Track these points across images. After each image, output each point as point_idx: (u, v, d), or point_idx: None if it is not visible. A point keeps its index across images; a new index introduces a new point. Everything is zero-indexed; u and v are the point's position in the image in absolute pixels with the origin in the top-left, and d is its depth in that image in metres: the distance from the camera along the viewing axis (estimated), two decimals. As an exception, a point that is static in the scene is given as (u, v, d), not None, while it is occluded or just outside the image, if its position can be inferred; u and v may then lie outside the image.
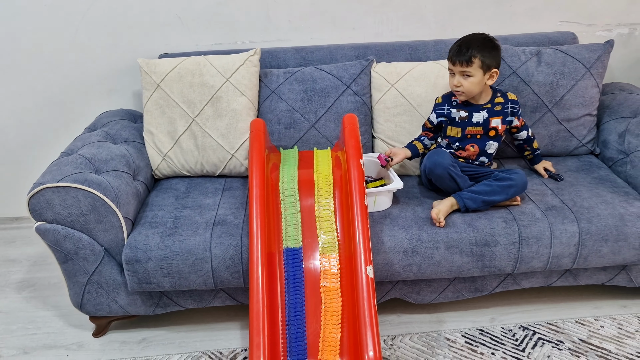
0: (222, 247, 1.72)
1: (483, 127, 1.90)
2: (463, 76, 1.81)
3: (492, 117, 1.90)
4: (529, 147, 2.05)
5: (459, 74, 1.82)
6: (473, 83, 1.81)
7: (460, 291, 1.89)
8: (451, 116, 1.92)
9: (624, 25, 2.46)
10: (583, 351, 1.77)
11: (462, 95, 1.86)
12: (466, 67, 1.79)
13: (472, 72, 1.79)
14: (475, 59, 1.78)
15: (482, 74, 1.80)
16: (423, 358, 1.77)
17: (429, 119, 1.99)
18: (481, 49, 1.78)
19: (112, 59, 2.37)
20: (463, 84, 1.82)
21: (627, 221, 1.76)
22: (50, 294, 2.18)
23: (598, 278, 1.90)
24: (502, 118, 1.91)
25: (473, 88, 1.83)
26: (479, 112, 1.90)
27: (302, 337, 1.60)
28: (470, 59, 1.78)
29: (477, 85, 1.82)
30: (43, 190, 1.68)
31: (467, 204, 1.78)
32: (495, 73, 1.82)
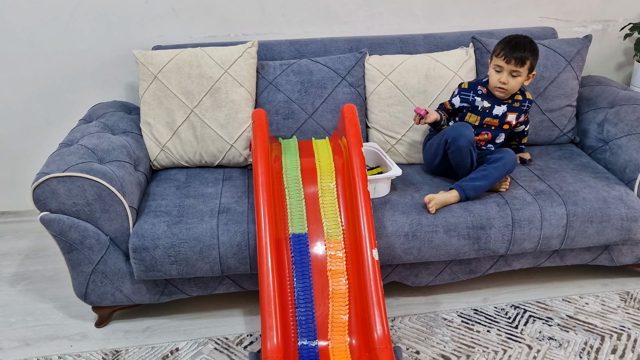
0: (229, 234, 1.76)
1: (499, 120, 2.00)
2: (511, 75, 1.90)
3: (510, 112, 2.00)
4: (519, 139, 2.15)
5: (508, 72, 1.90)
6: (518, 82, 1.91)
7: (455, 273, 1.98)
8: (475, 104, 2.01)
9: (598, 21, 2.60)
10: (571, 326, 1.89)
11: (504, 92, 1.95)
12: (519, 68, 1.88)
13: (521, 72, 1.89)
14: (528, 60, 1.88)
15: (527, 74, 1.91)
16: (423, 337, 1.85)
17: (450, 102, 2.05)
18: (532, 52, 1.89)
19: (105, 50, 2.36)
20: (510, 82, 1.91)
21: (610, 204, 1.88)
22: (47, 286, 2.17)
23: (583, 258, 2.02)
24: (517, 114, 2.02)
25: (516, 87, 1.93)
26: (500, 105, 1.99)
27: (311, 319, 1.65)
28: (524, 60, 1.87)
29: (520, 84, 1.93)
30: (48, 180, 1.69)
31: (469, 194, 1.87)
32: (533, 75, 1.94)
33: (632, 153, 1.98)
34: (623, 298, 2.01)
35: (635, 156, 1.96)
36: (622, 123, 2.09)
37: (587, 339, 1.83)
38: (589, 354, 1.77)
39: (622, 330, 1.86)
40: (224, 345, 1.84)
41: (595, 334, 1.85)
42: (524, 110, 2.03)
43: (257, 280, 1.89)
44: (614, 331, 1.86)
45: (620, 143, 2.04)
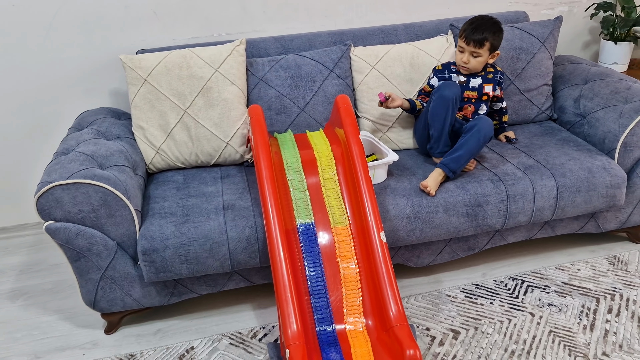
0: (238, 229, 1.79)
1: (477, 92, 2.10)
2: (472, 55, 2.01)
3: (485, 84, 2.11)
4: (499, 117, 2.25)
5: (469, 53, 2.01)
6: (479, 62, 2.03)
7: (455, 251, 2.05)
8: (451, 78, 2.11)
9: (564, 3, 2.73)
10: (567, 292, 1.99)
11: (466, 70, 2.07)
12: (479, 49, 1.99)
13: (481, 53, 2.01)
14: (487, 42, 1.99)
15: (489, 54, 2.03)
16: (431, 314, 1.92)
17: (429, 84, 2.16)
18: (492, 32, 1.99)
19: (87, 58, 2.34)
20: (471, 61, 2.03)
21: (594, 173, 1.99)
22: (48, 299, 2.14)
23: (572, 227, 2.13)
24: (492, 85, 2.12)
25: (478, 66, 2.05)
26: (475, 78, 2.10)
27: (326, 305, 1.69)
28: (482, 42, 1.98)
29: (482, 63, 2.05)
30: (52, 189, 1.68)
31: (451, 167, 1.93)
32: (497, 54, 2.06)
33: (610, 124, 2.09)
34: (611, 262, 2.13)
35: (613, 127, 2.08)
36: (597, 97, 2.20)
37: (584, 302, 1.93)
38: (587, 316, 1.87)
39: (614, 291, 1.98)
40: (238, 340, 1.86)
41: (591, 296, 1.96)
42: (497, 82, 2.13)
43: (267, 274, 1.93)
44: (608, 292, 1.97)
45: (598, 116, 2.16)
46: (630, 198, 2.10)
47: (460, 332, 1.84)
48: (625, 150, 2.05)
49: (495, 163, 2.05)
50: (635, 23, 2.58)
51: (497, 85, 2.14)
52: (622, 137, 2.04)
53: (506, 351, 1.75)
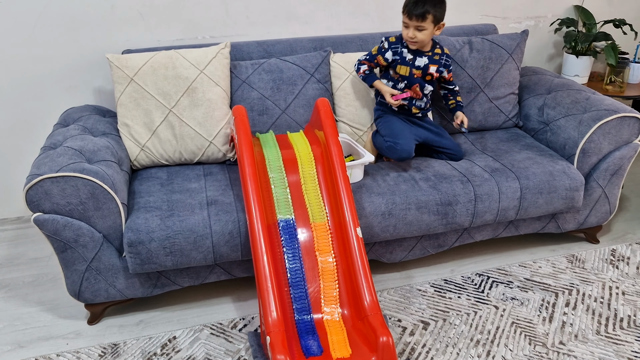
0: (221, 224, 1.87)
1: (422, 71, 2.16)
2: (417, 29, 2.06)
3: (431, 64, 2.17)
4: (453, 97, 2.31)
5: (414, 27, 2.06)
6: (426, 35, 2.08)
7: (426, 248, 2.17)
8: (403, 55, 2.16)
9: (530, 18, 2.90)
10: (529, 287, 2.13)
11: (415, 45, 2.12)
12: (421, 22, 2.04)
13: (425, 26, 2.05)
14: (429, 14, 2.03)
15: (433, 27, 2.07)
16: (402, 307, 2.03)
17: (384, 57, 2.18)
18: (433, 4, 2.03)
19: (72, 56, 2.39)
20: (417, 35, 2.07)
21: (555, 176, 2.14)
22: (29, 292, 2.17)
23: (534, 227, 2.28)
24: (437, 67, 2.18)
25: (425, 38, 2.09)
26: (421, 57, 2.16)
27: (305, 296, 1.79)
28: (424, 15, 2.02)
29: (428, 36, 2.09)
30: (41, 181, 1.73)
31: None
32: (442, 25, 2.10)
33: (570, 132, 2.25)
34: (570, 260, 2.29)
35: (573, 134, 2.24)
36: (559, 106, 2.36)
37: (544, 296, 2.08)
38: (546, 309, 2.01)
39: (571, 287, 2.13)
40: (219, 330, 1.94)
41: (550, 291, 2.10)
42: (443, 64, 2.20)
43: (247, 267, 2.01)
44: (565, 288, 2.12)
45: (560, 124, 2.32)
46: (588, 201, 2.26)
47: (429, 323, 1.96)
48: (583, 156, 2.21)
49: (465, 165, 2.18)
50: (595, 39, 2.76)
51: (442, 68, 2.19)
52: (580, 144, 2.20)
53: (472, 340, 1.87)
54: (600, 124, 2.17)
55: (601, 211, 2.32)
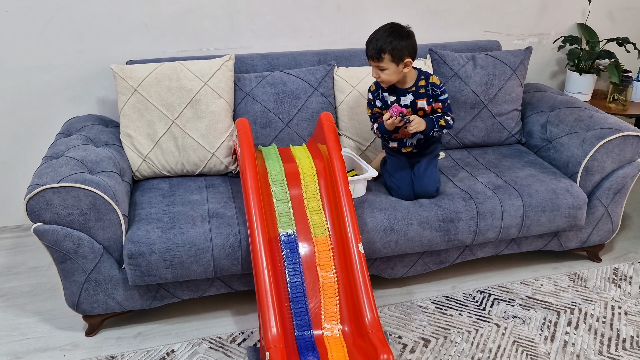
0: (222, 237, 1.86)
1: (412, 109, 2.02)
2: (379, 69, 1.94)
3: (418, 99, 2.01)
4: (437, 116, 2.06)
5: (376, 68, 1.94)
6: (389, 74, 1.93)
7: (427, 264, 2.16)
8: (384, 99, 2.05)
9: (534, 35, 2.91)
10: (531, 305, 2.11)
11: (385, 84, 2.00)
12: (378, 62, 1.91)
13: (384, 65, 1.91)
14: (385, 54, 1.89)
15: (395, 65, 1.91)
16: (403, 323, 2.02)
17: (374, 108, 2.08)
18: (389, 43, 1.88)
19: (77, 66, 2.39)
20: (381, 76, 1.94)
21: (558, 194, 2.13)
22: (27, 301, 2.16)
23: (536, 245, 2.26)
24: (426, 99, 2.01)
25: (390, 78, 1.95)
26: (405, 95, 2.01)
27: (305, 311, 1.78)
28: (380, 56, 1.90)
29: (393, 75, 1.94)
30: (43, 191, 1.72)
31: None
32: (409, 62, 1.93)
33: (573, 150, 2.25)
34: (572, 278, 2.27)
35: (576, 152, 2.23)
36: (562, 124, 2.36)
37: (546, 315, 2.06)
38: (548, 328, 2.00)
39: (574, 306, 2.11)
40: (218, 344, 1.92)
41: (552, 310, 2.08)
42: (432, 95, 2.01)
43: (247, 281, 2.00)
44: (568, 307, 2.10)
45: (563, 141, 2.31)
46: (590, 219, 2.25)
47: (430, 340, 1.94)
48: (586, 174, 2.20)
49: (467, 182, 2.18)
50: (599, 56, 2.76)
51: (432, 99, 2.02)
52: (584, 162, 2.19)
53: (473, 359, 1.85)
54: (604, 143, 2.17)
55: (604, 230, 2.31)
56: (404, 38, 1.91)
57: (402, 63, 1.93)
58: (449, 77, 2.44)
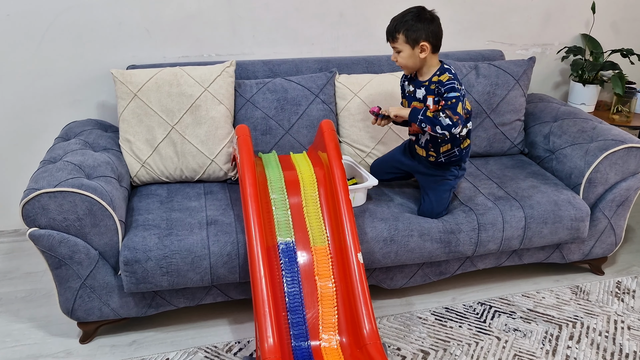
0: (220, 244, 1.83)
1: (423, 104, 1.91)
2: (397, 52, 1.89)
3: (428, 95, 1.89)
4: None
5: (393, 50, 1.91)
6: (404, 57, 1.87)
7: (427, 275, 2.13)
8: (404, 88, 2.03)
9: (537, 45, 2.89)
10: (532, 318, 2.08)
11: (405, 70, 1.95)
12: (394, 44, 1.88)
13: (399, 47, 1.86)
14: (399, 34, 1.84)
15: (410, 48, 1.84)
16: (402, 335, 1.99)
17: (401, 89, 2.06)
18: (405, 24, 1.83)
19: (77, 70, 2.38)
20: (397, 59, 1.90)
21: (560, 206, 2.11)
22: (21, 307, 2.13)
23: (538, 257, 2.23)
24: (434, 97, 1.88)
25: (406, 62, 1.88)
26: (420, 88, 1.92)
27: (302, 322, 1.75)
28: (394, 35, 1.86)
29: (409, 59, 1.87)
30: (39, 195, 1.70)
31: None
32: (426, 47, 1.84)
33: (576, 161, 2.22)
34: (574, 291, 2.24)
35: (579, 163, 2.21)
36: (565, 135, 2.34)
37: (547, 328, 2.03)
38: (550, 341, 1.96)
39: (576, 319, 2.08)
40: (214, 353, 1.89)
41: (554, 323, 2.05)
42: (437, 93, 1.87)
43: (245, 289, 1.97)
44: (570, 320, 2.07)
45: (566, 152, 2.29)
46: (593, 231, 2.23)
47: (429, 352, 1.91)
48: (589, 186, 2.18)
49: (468, 193, 2.15)
50: (602, 67, 2.75)
51: (437, 98, 1.87)
52: (587, 174, 2.16)
53: (473, 373, 1.83)
54: (607, 154, 2.14)
55: (607, 242, 2.28)
56: (423, 20, 1.84)
57: (418, 46, 1.84)
58: (451, 86, 2.41)
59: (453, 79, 1.85)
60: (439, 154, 1.98)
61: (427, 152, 2.01)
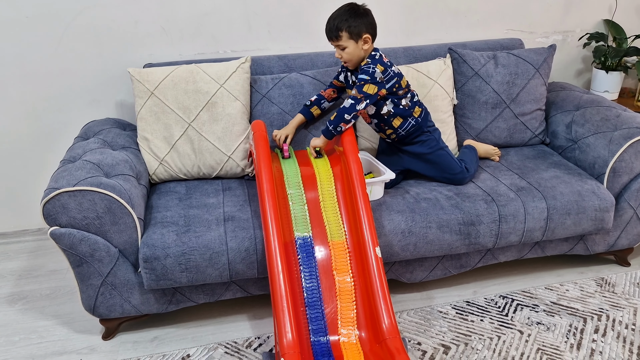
0: (237, 240, 1.84)
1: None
2: (340, 49, 1.97)
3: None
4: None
5: (337, 48, 1.97)
6: (349, 53, 1.96)
7: (447, 268, 2.11)
8: (347, 80, 2.11)
9: (558, 32, 2.83)
10: (556, 311, 2.04)
11: (347, 64, 2.02)
12: (338, 42, 1.95)
13: (343, 44, 1.94)
14: (342, 32, 1.92)
15: (355, 42, 1.94)
16: (422, 329, 1.97)
17: (338, 78, 2.16)
18: (345, 20, 1.91)
19: (95, 70, 2.41)
20: (342, 55, 1.97)
21: (584, 196, 2.06)
22: (46, 304, 2.17)
23: (561, 248, 2.19)
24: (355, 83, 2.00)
25: (352, 57, 1.97)
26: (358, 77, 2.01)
27: (321, 317, 1.74)
28: (337, 34, 1.93)
29: (354, 53, 1.96)
30: (59, 195, 1.72)
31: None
32: (368, 38, 1.95)
33: (600, 150, 2.17)
34: (599, 283, 2.19)
35: (602, 153, 2.15)
36: (588, 124, 2.28)
37: (572, 321, 1.99)
38: (574, 335, 1.92)
39: (601, 312, 2.03)
40: (234, 349, 1.90)
41: (578, 316, 2.01)
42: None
43: (263, 285, 1.97)
44: (594, 313, 2.03)
45: (589, 142, 2.24)
46: (618, 222, 2.17)
47: (450, 347, 1.88)
48: (614, 176, 2.12)
49: (489, 184, 2.12)
50: (626, 54, 2.67)
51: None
52: (611, 163, 2.11)
53: (495, 367, 1.80)
54: (632, 142, 2.08)
55: (632, 233, 2.22)
56: (360, 15, 1.94)
57: (361, 39, 1.95)
58: (469, 77, 2.38)
59: (370, 62, 1.97)
60: (394, 129, 2.09)
61: (385, 132, 2.12)
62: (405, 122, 2.07)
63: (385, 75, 1.99)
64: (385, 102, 2.03)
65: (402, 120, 2.07)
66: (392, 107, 2.04)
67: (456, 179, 2.11)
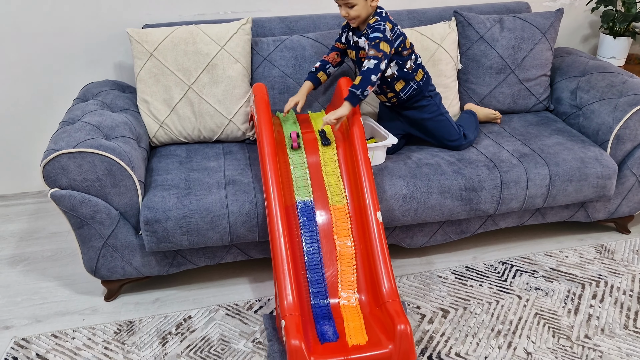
0: (238, 204, 1.83)
1: (366, 50, 1.92)
2: (347, 6, 1.90)
3: (366, 40, 1.94)
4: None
5: (344, 5, 1.91)
6: (358, 10, 1.90)
7: (448, 234, 2.11)
8: (349, 40, 2.05)
9: (566, -4, 2.77)
10: (554, 277, 2.05)
11: (354, 22, 1.95)
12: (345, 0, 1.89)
13: (352, 1, 1.88)
14: None
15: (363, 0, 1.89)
16: (422, 294, 1.98)
17: (340, 40, 2.10)
18: None
19: (93, 30, 2.36)
20: (350, 13, 1.91)
21: (587, 163, 2.05)
22: (48, 266, 2.18)
23: (562, 215, 2.19)
24: (367, 42, 1.91)
25: (359, 13, 1.90)
26: (361, 37, 1.98)
27: (322, 280, 1.75)
28: None
29: (362, 9, 1.90)
30: (58, 156, 1.71)
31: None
32: None
33: (604, 117, 2.14)
34: (598, 250, 2.20)
35: (607, 119, 2.13)
36: (593, 90, 2.25)
37: (570, 287, 2.00)
38: (572, 300, 1.94)
39: (599, 278, 2.04)
40: (234, 311, 1.92)
41: (577, 282, 2.03)
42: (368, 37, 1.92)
43: (264, 248, 1.98)
44: (593, 279, 2.04)
45: (593, 108, 2.21)
46: (620, 189, 2.17)
47: (449, 311, 1.90)
48: (617, 143, 2.11)
49: (492, 150, 2.10)
50: (635, 18, 2.62)
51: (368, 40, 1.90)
52: (615, 130, 2.09)
53: (492, 330, 1.82)
54: (637, 109, 2.06)
55: (634, 200, 2.22)
56: None
57: None
58: (474, 41, 2.34)
59: (379, 20, 1.91)
60: (396, 92, 2.05)
61: (386, 95, 2.09)
62: (407, 86, 2.04)
63: (393, 34, 1.94)
64: (389, 63, 1.99)
65: (405, 84, 2.03)
66: (396, 69, 2.00)
67: (453, 145, 2.10)
